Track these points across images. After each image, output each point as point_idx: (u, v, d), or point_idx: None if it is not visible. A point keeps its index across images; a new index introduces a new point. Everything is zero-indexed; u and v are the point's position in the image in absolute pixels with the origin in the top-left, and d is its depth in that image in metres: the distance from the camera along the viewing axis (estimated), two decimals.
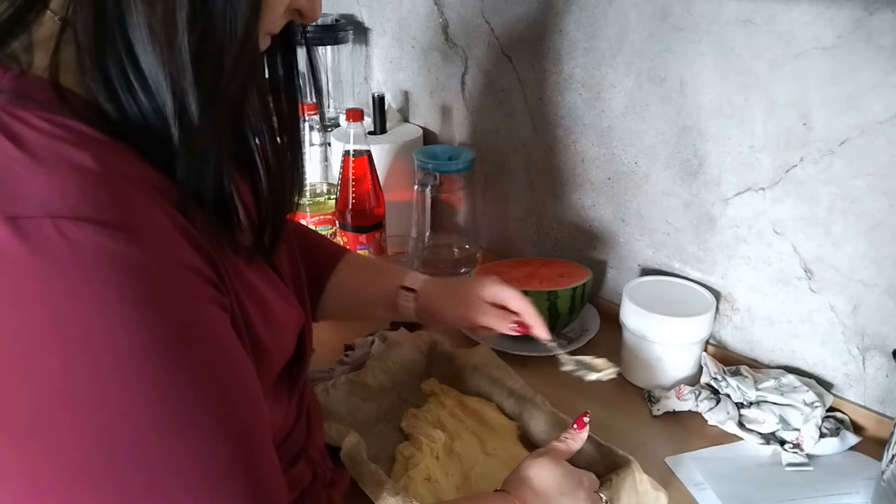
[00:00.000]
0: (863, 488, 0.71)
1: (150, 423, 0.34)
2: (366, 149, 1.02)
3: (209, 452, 0.36)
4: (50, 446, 0.32)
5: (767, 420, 0.78)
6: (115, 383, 0.33)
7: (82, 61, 0.37)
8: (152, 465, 0.34)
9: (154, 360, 0.34)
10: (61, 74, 0.37)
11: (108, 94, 0.37)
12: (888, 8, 0.67)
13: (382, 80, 1.29)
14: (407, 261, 1.01)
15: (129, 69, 0.36)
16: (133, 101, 0.37)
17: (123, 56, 0.36)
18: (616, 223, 1.01)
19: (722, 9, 0.79)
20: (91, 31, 0.36)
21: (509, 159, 1.11)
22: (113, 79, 0.37)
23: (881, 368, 0.79)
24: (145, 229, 0.34)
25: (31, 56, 0.37)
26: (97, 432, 0.33)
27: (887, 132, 0.71)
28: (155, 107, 0.37)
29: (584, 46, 0.94)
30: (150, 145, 0.37)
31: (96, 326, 0.32)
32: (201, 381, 0.36)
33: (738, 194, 0.85)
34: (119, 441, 0.33)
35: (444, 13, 1.12)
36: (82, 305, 0.32)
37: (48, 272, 0.31)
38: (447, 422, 0.77)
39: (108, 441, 0.33)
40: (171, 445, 0.34)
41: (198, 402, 0.35)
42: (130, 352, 0.33)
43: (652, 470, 0.73)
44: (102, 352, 0.32)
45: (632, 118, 0.93)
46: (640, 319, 0.86)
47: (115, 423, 0.33)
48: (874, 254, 0.76)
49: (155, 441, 0.34)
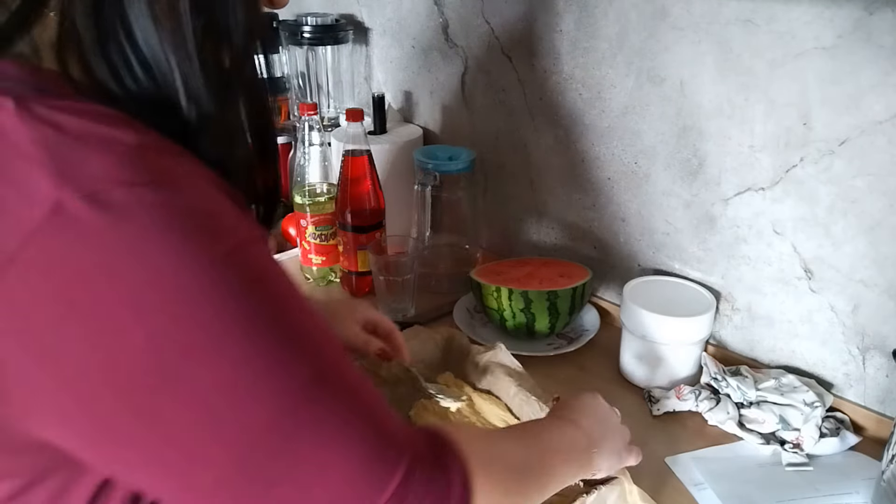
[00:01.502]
0: (863, 488, 0.71)
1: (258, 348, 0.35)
2: (366, 149, 1.02)
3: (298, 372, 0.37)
4: (176, 398, 0.34)
5: (767, 420, 0.78)
6: (223, 325, 0.34)
7: (85, 54, 0.38)
8: (270, 400, 0.35)
9: (245, 292, 0.35)
10: (69, 68, 0.38)
11: (116, 82, 0.38)
12: (888, 8, 0.67)
13: (382, 80, 1.29)
14: (407, 260, 1.01)
15: (132, 58, 0.37)
16: (138, 86, 0.38)
17: (126, 45, 0.37)
18: (616, 223, 1.01)
19: (722, 9, 0.79)
20: (91, 24, 0.37)
21: (509, 159, 1.11)
22: (119, 68, 0.38)
23: (881, 368, 0.79)
24: (192, 185, 0.36)
25: (38, 56, 0.38)
26: (222, 376, 0.34)
27: (887, 132, 0.71)
28: (161, 90, 0.38)
29: (584, 46, 0.94)
30: (162, 122, 0.39)
31: (189, 277, 0.34)
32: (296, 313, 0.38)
33: (738, 194, 0.85)
34: (239, 382, 0.35)
35: (444, 13, 1.12)
36: (171, 260, 0.33)
37: (134, 237, 0.33)
38: (453, 416, 0.76)
39: (230, 383, 0.34)
40: (284, 361, 0.36)
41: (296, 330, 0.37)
42: (220, 289, 0.34)
43: (652, 470, 0.73)
44: (202, 297, 0.34)
45: (632, 118, 0.93)
46: (639, 319, 0.86)
47: (233, 365, 0.34)
48: (874, 254, 0.76)
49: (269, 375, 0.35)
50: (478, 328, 0.99)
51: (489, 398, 0.78)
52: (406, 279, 0.99)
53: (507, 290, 0.92)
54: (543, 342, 0.96)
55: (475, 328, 0.99)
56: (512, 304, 0.92)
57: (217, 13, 0.39)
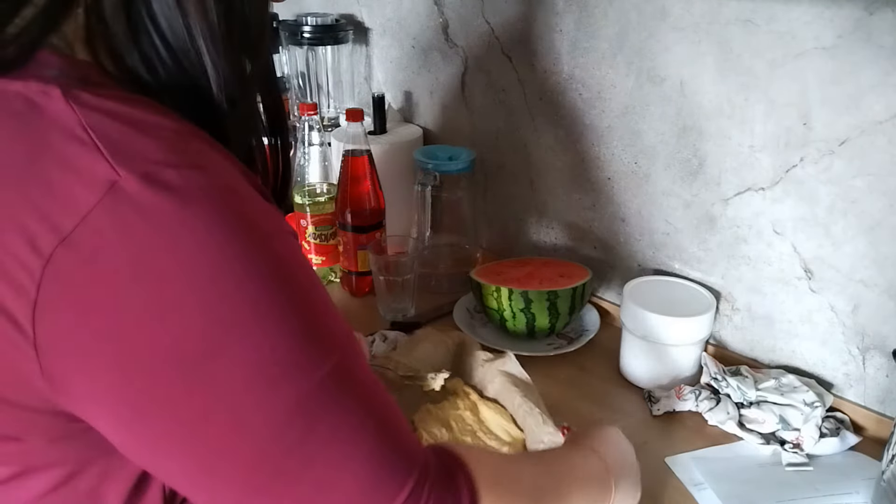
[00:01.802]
0: (863, 488, 0.71)
1: (295, 334, 0.36)
2: (366, 149, 1.02)
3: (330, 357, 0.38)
4: (219, 371, 0.35)
5: (767, 420, 0.78)
6: (265, 303, 0.35)
7: (116, 46, 0.39)
8: (293, 385, 0.36)
9: (284, 277, 0.37)
10: (102, 60, 0.39)
11: (147, 72, 0.39)
12: (888, 8, 0.67)
13: (382, 80, 1.29)
14: (407, 260, 1.01)
15: (160, 47, 0.39)
16: (167, 74, 0.39)
17: (154, 34, 0.38)
18: (616, 223, 1.01)
19: (722, 9, 0.79)
20: (120, 16, 0.38)
21: (509, 159, 1.11)
22: (150, 57, 0.39)
23: (881, 368, 0.79)
24: (230, 172, 0.37)
25: (72, 49, 0.39)
26: (261, 347, 0.35)
27: (887, 132, 0.71)
28: (189, 77, 0.39)
29: (584, 46, 0.94)
30: (193, 111, 0.40)
31: (235, 254, 0.35)
32: (314, 294, 0.39)
33: (738, 194, 0.85)
34: (277, 353, 0.36)
35: (444, 13, 1.12)
36: (220, 237, 0.35)
37: (188, 214, 0.34)
38: (456, 423, 0.75)
39: (269, 353, 0.35)
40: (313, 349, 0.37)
41: (323, 325, 0.39)
42: (265, 271, 0.36)
43: (652, 470, 0.73)
44: (246, 276, 0.35)
45: (632, 118, 0.93)
46: (640, 319, 0.86)
47: (273, 336, 0.36)
48: (874, 254, 0.76)
49: (302, 348, 0.37)
50: (478, 328, 0.99)
51: (495, 407, 0.77)
52: (406, 279, 0.99)
53: (507, 290, 0.92)
54: (543, 342, 0.96)
55: (475, 328, 0.99)
56: (512, 304, 0.92)
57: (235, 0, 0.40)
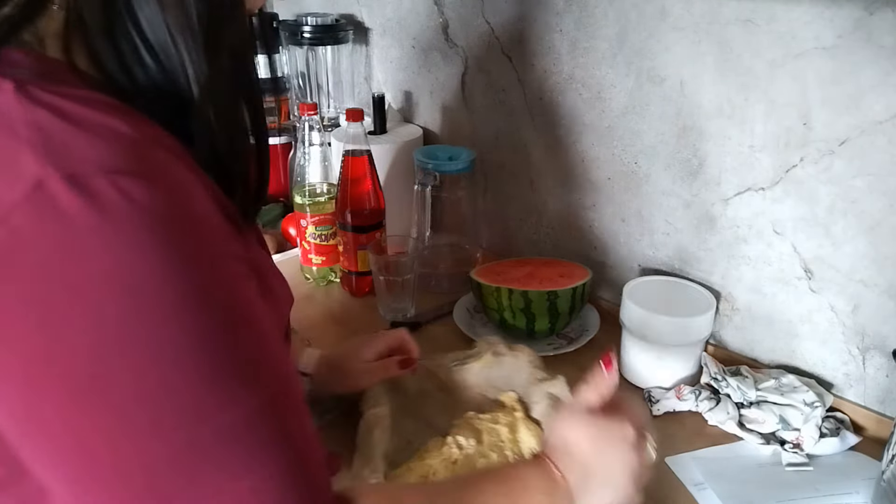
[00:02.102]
0: (863, 488, 0.71)
1: (201, 372, 0.35)
2: (366, 149, 1.02)
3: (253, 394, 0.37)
4: (107, 393, 0.34)
5: (767, 420, 0.78)
6: (169, 330, 0.34)
7: (93, 43, 0.38)
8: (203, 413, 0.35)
9: (202, 308, 0.35)
10: (75, 58, 0.38)
11: (123, 71, 0.38)
12: (888, 8, 0.67)
13: (382, 80, 1.29)
14: (407, 260, 1.01)
15: (140, 45, 0.38)
16: (145, 73, 0.39)
17: (133, 33, 0.38)
18: (616, 223, 1.01)
19: (722, 9, 0.79)
20: (99, 13, 0.37)
21: (509, 159, 1.11)
22: (126, 56, 0.38)
23: (881, 368, 0.79)
24: (179, 185, 0.36)
25: (43, 46, 0.39)
26: (154, 380, 0.34)
27: (887, 132, 0.71)
28: (168, 77, 0.39)
29: (584, 46, 0.94)
30: (167, 114, 0.39)
31: (150, 276, 0.33)
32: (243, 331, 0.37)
33: (738, 194, 0.85)
34: (171, 389, 0.34)
35: (444, 13, 1.12)
36: (137, 256, 0.33)
37: (106, 225, 0.33)
38: (488, 436, 0.74)
39: (161, 388, 0.34)
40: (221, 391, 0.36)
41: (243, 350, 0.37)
42: (180, 300, 0.34)
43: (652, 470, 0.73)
44: (155, 300, 0.34)
45: (632, 118, 0.93)
46: (640, 319, 0.86)
47: (169, 371, 0.34)
48: (874, 254, 0.76)
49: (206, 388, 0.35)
50: (478, 328, 0.99)
51: (535, 430, 0.75)
52: (406, 279, 0.99)
53: (507, 290, 0.92)
54: (543, 342, 0.96)
55: (475, 328, 0.99)
56: (512, 304, 0.92)
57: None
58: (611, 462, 0.55)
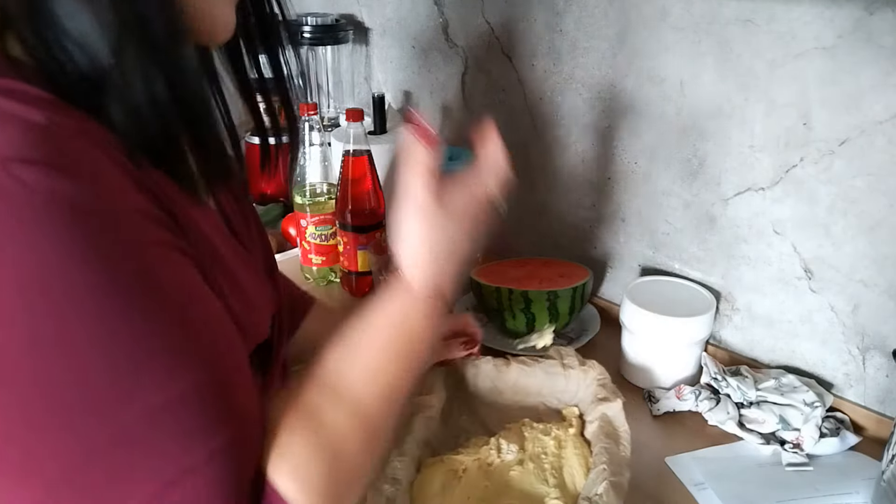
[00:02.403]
0: (863, 488, 0.71)
1: (111, 361, 0.34)
2: (366, 149, 1.02)
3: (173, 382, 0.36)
4: (13, 390, 0.33)
5: (767, 420, 0.78)
6: (76, 322, 0.33)
7: (21, 32, 0.38)
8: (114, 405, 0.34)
9: (111, 297, 0.34)
10: (9, 48, 0.38)
11: (49, 57, 0.38)
12: (888, 8, 0.67)
13: (382, 80, 1.29)
14: None
15: (60, 33, 0.38)
16: (70, 60, 0.38)
17: (54, 21, 0.37)
18: (616, 223, 1.01)
19: (722, 9, 0.79)
20: (22, 4, 0.37)
21: (509, 159, 1.11)
22: (50, 43, 0.38)
23: (881, 368, 0.79)
24: (93, 174, 0.35)
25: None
26: (60, 374, 0.33)
27: (887, 132, 0.71)
28: (91, 64, 0.38)
29: (584, 46, 0.94)
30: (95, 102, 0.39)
31: (54, 267, 0.33)
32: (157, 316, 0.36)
33: (738, 194, 0.85)
34: (81, 382, 0.34)
35: (444, 13, 1.12)
36: (38, 246, 0.32)
37: (3, 214, 0.32)
38: (532, 445, 0.72)
39: (70, 382, 0.34)
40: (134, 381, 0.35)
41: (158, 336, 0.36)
42: (87, 290, 0.34)
43: (652, 470, 0.73)
44: (61, 291, 0.33)
45: (632, 118, 0.93)
46: (640, 319, 0.86)
47: (77, 363, 0.34)
48: (874, 254, 0.76)
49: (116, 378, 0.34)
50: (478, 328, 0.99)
51: (581, 453, 0.71)
52: None
53: (507, 290, 0.92)
54: None
55: None
56: (512, 304, 0.92)
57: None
58: (461, 242, 0.53)
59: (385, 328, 0.50)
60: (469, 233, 0.53)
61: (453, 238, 0.52)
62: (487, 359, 0.83)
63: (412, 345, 0.50)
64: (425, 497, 0.66)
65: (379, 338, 0.50)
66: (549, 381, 0.81)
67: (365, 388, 0.47)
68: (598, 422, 0.72)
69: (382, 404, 0.48)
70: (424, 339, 0.51)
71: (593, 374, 0.79)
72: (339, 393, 0.46)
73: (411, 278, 0.51)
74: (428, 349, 0.52)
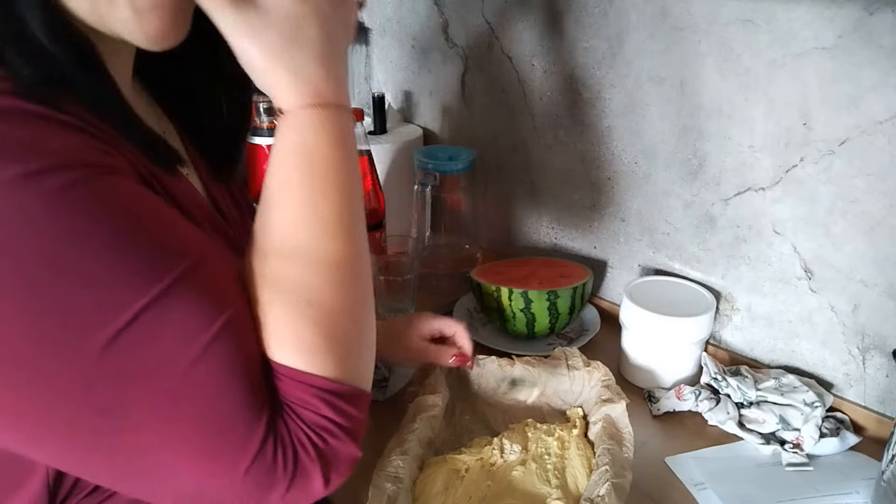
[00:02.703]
0: (863, 488, 0.71)
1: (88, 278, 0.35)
2: (366, 149, 1.02)
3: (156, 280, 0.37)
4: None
5: (767, 420, 0.78)
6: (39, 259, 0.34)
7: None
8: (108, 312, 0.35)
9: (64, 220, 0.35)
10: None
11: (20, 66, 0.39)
12: (888, 8, 0.67)
13: (382, 80, 1.29)
14: (407, 260, 1.01)
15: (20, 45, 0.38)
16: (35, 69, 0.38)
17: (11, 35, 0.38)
18: (616, 223, 1.01)
19: (722, 9, 0.79)
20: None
21: (509, 159, 1.11)
22: (12, 54, 0.38)
23: (881, 368, 0.79)
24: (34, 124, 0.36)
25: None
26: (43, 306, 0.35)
27: (887, 132, 0.71)
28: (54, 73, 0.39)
29: (584, 46, 0.94)
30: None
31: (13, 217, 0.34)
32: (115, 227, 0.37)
33: (738, 194, 0.85)
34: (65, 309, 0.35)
35: (444, 13, 1.12)
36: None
37: None
38: (535, 446, 0.72)
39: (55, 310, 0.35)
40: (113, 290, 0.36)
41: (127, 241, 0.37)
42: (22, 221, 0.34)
43: (652, 470, 0.73)
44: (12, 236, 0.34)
45: (632, 118, 0.93)
46: (640, 319, 0.86)
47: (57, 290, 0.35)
48: (874, 254, 0.76)
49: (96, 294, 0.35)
50: (478, 328, 0.99)
51: (584, 455, 0.71)
52: (406, 279, 0.99)
53: (507, 290, 0.92)
54: (543, 342, 0.96)
55: (475, 328, 0.99)
56: (512, 304, 0.92)
57: None
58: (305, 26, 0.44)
59: (284, 167, 0.45)
60: (312, 7, 0.44)
61: (293, 26, 0.43)
62: (492, 358, 0.83)
63: (319, 166, 0.44)
64: (428, 496, 0.66)
65: (284, 179, 0.44)
66: (554, 381, 0.81)
67: (299, 232, 0.43)
68: (602, 423, 0.72)
69: (324, 237, 0.43)
70: (333, 155, 0.45)
71: (598, 375, 0.79)
72: (279, 249, 0.43)
73: (277, 100, 0.45)
74: (345, 161, 0.46)
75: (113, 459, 0.37)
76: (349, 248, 0.44)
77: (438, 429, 0.75)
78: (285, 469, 0.39)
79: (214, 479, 0.38)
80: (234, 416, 0.38)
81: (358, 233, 0.46)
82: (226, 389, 0.38)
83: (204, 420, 0.37)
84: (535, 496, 0.67)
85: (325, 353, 0.41)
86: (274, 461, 0.38)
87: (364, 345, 0.44)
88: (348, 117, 0.47)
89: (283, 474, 0.39)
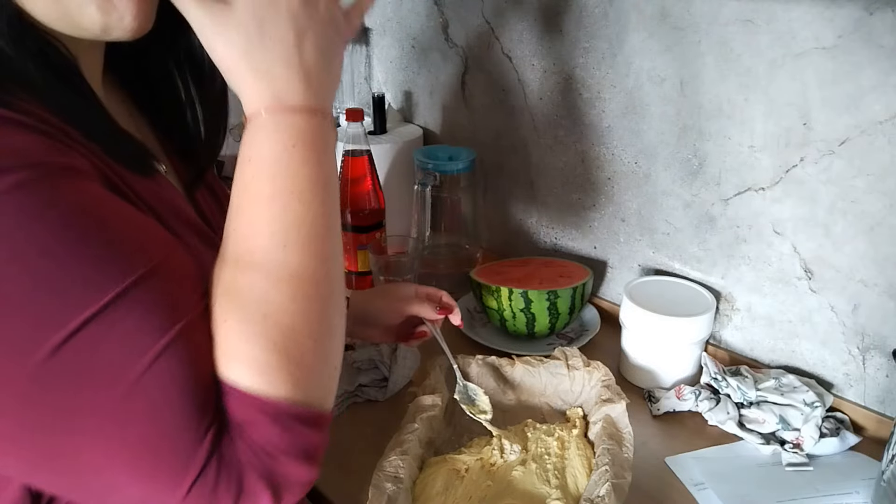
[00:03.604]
0: (863, 488, 0.71)
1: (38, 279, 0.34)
2: (366, 149, 1.02)
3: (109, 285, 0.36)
4: None
5: (767, 420, 0.78)
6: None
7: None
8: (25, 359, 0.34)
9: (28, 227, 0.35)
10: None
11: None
12: (888, 8, 0.67)
13: (382, 80, 1.29)
14: (407, 260, 1.01)
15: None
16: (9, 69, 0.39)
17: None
18: (616, 223, 1.01)
19: (722, 9, 0.79)
20: None
21: (509, 159, 1.11)
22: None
23: (881, 368, 0.79)
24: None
25: None
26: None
27: (887, 132, 0.71)
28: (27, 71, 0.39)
29: (584, 46, 0.94)
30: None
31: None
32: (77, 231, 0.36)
33: (738, 194, 0.85)
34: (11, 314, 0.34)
35: (444, 13, 1.12)
36: None
37: None
38: (535, 446, 0.72)
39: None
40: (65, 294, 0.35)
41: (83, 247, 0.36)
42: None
43: (652, 470, 0.73)
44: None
45: (632, 118, 0.93)
46: (640, 319, 0.86)
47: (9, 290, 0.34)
48: (874, 254, 0.76)
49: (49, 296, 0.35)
50: (478, 328, 0.99)
51: (584, 454, 0.71)
52: (406, 279, 0.99)
53: (507, 290, 0.92)
54: (543, 342, 0.96)
55: (475, 328, 0.99)
56: (512, 304, 0.92)
57: None
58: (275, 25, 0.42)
59: (242, 174, 0.43)
60: (281, 6, 0.42)
61: (258, 25, 0.41)
62: (492, 358, 0.83)
63: (277, 175, 0.42)
64: (427, 496, 0.66)
65: (242, 187, 0.43)
66: (554, 381, 0.81)
67: (256, 242, 0.41)
68: (602, 423, 0.72)
69: (282, 249, 0.41)
70: (294, 163, 0.42)
71: (598, 375, 0.79)
72: (237, 258, 0.41)
73: (242, 101, 0.43)
74: (311, 169, 0.43)
75: (58, 473, 0.36)
76: (311, 261, 0.42)
77: (438, 429, 0.75)
78: (228, 490, 0.37)
79: (157, 497, 0.37)
80: (176, 435, 0.36)
81: (325, 246, 0.43)
82: (171, 405, 0.36)
83: (146, 437, 0.36)
84: (535, 496, 0.67)
85: (278, 373, 0.39)
86: (216, 482, 0.37)
87: (325, 364, 0.42)
88: (321, 122, 0.44)
89: (226, 495, 0.37)
